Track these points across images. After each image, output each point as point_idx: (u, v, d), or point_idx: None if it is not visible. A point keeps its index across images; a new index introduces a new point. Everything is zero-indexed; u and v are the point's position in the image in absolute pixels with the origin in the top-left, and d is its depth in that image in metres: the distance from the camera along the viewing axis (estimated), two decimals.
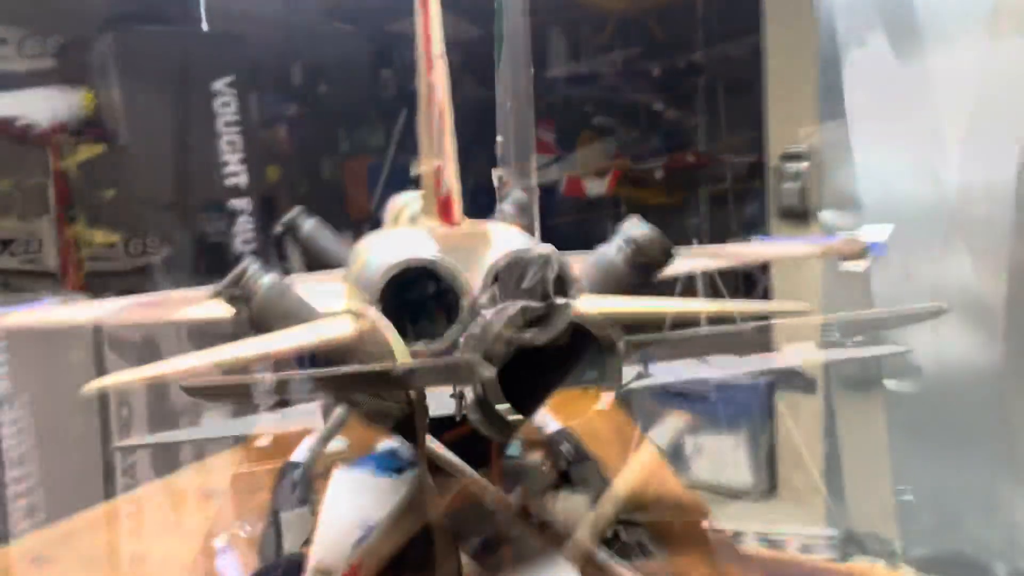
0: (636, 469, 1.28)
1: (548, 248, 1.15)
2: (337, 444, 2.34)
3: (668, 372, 1.45)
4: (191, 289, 1.91)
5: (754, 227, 4.52)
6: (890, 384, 2.88)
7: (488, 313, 1.19)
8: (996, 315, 2.62)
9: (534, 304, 1.13)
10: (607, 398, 1.14)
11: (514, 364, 1.14)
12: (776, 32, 3.82)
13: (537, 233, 1.29)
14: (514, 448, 2.05)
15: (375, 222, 2.06)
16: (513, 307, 1.14)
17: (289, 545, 1.94)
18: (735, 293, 3.60)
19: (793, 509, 3.66)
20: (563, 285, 1.16)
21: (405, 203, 1.93)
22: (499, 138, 1.27)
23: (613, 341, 1.15)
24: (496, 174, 1.28)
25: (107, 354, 3.74)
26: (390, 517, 1.49)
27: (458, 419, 1.28)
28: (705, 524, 4.06)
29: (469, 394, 1.20)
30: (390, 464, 1.74)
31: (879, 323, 1.36)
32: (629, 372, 1.27)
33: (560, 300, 1.14)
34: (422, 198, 1.61)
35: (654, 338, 1.20)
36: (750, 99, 4.29)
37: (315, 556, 1.52)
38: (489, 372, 1.12)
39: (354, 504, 1.65)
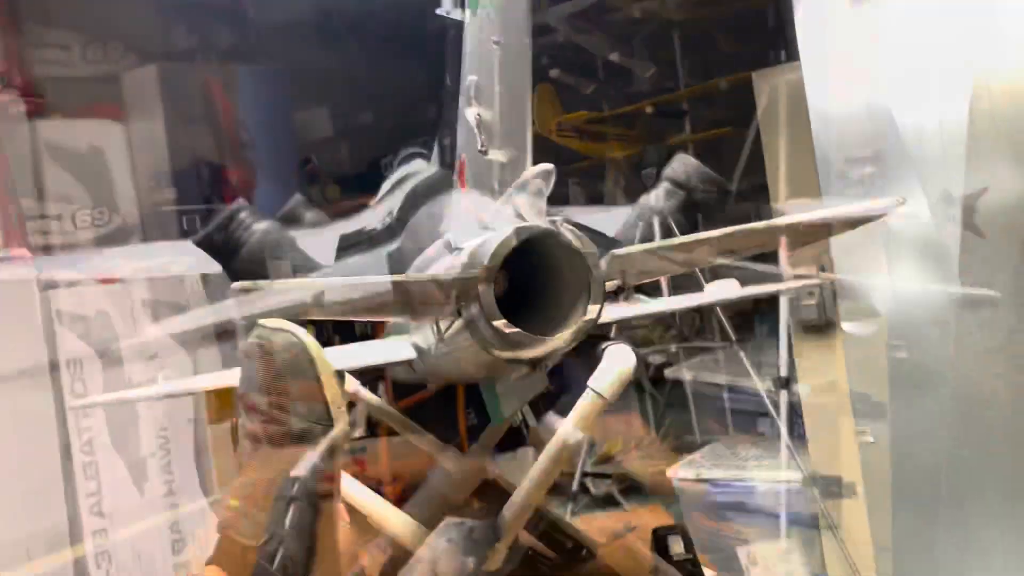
0: (579, 419, 1.25)
1: (555, 223, 1.16)
2: None
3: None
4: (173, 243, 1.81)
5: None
6: (847, 327, 2.89)
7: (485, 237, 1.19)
8: (951, 252, 2.62)
9: (526, 225, 1.15)
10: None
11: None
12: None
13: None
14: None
15: None
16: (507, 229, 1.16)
17: None
18: None
19: None
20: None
21: (413, 170, 1.88)
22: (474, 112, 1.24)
23: (593, 257, 1.17)
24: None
25: (57, 328, 3.66)
26: None
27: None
28: (671, 473, 4.12)
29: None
30: None
31: (840, 222, 1.38)
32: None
33: (548, 222, 1.16)
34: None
35: (637, 250, 1.24)
36: None
37: None
38: (486, 288, 1.13)
39: None
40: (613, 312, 1.29)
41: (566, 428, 1.24)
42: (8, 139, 4.00)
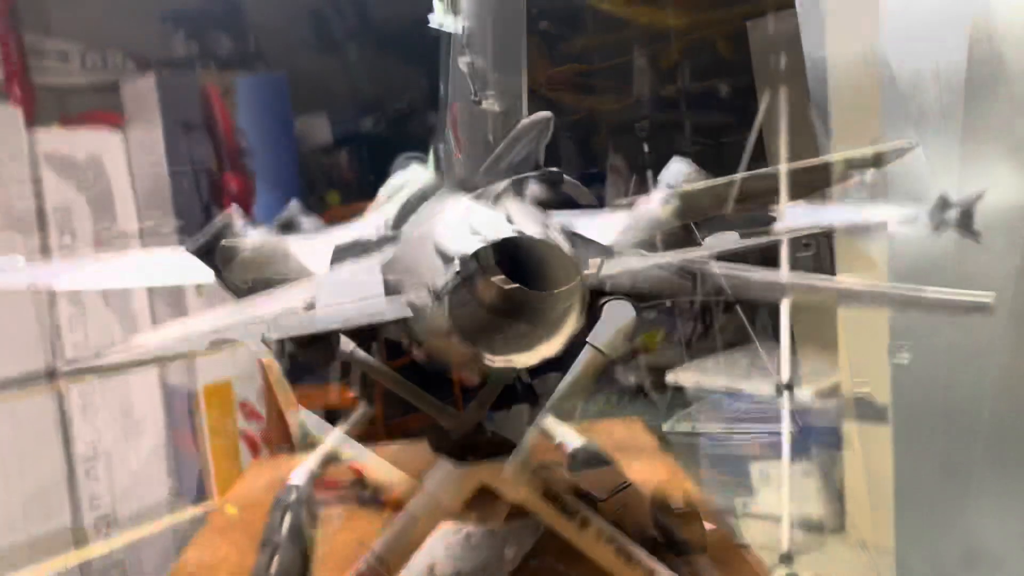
0: (578, 376, 1.22)
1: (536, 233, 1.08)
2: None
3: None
4: (166, 249, 1.76)
5: None
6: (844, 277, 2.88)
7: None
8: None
9: (514, 236, 1.06)
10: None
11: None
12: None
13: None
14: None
15: None
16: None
17: None
18: None
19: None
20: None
21: (407, 180, 1.84)
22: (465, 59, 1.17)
23: (583, 266, 1.13)
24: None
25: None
26: None
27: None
28: (666, 426, 4.15)
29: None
30: None
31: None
32: None
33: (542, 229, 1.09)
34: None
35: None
36: None
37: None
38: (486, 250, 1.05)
39: None
40: (613, 265, 1.25)
41: (564, 387, 1.21)
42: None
